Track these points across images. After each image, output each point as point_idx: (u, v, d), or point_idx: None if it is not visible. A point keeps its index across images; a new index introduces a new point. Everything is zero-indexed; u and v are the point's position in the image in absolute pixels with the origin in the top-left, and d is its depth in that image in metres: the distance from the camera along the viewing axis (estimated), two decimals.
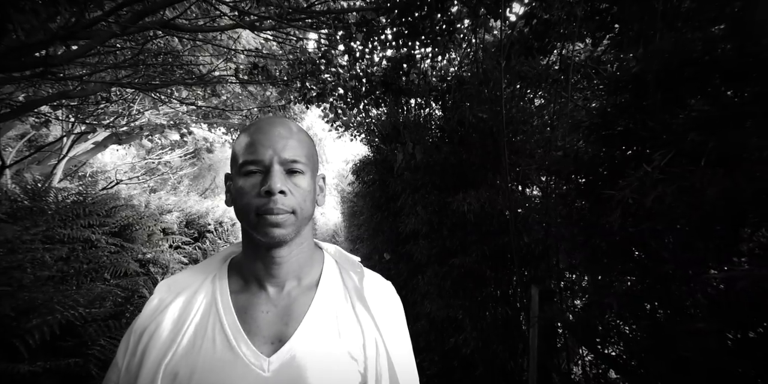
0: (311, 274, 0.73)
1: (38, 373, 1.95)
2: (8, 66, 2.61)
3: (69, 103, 4.19)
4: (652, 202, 1.31)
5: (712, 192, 1.17)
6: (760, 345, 1.11)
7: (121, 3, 2.61)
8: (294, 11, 3.77)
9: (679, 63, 1.39)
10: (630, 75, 1.54)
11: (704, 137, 1.23)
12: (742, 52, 1.21)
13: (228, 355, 0.60)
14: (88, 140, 7.48)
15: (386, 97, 5.16)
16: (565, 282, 2.24)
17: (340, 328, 0.66)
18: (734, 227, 1.20)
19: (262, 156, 0.63)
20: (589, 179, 1.78)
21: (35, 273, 2.06)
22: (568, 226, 1.85)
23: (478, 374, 3.32)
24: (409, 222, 4.03)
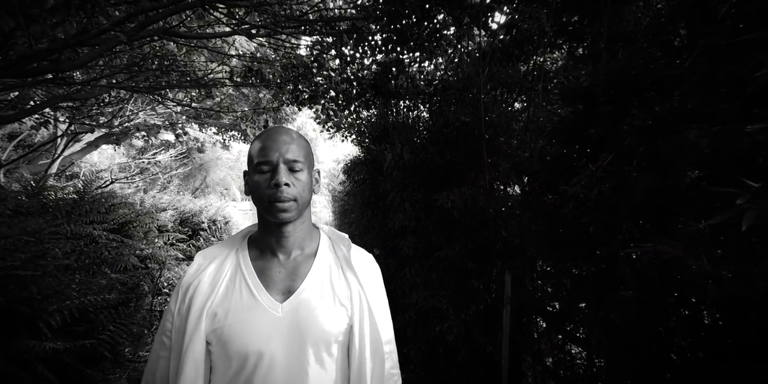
0: (311, 246, 0.96)
1: (59, 351, 2.15)
2: (21, 72, 2.78)
3: (68, 105, 4.35)
4: (596, 196, 1.57)
5: (639, 188, 1.44)
6: (674, 309, 1.38)
7: (129, 14, 2.80)
8: (288, 20, 3.98)
9: (620, 80, 1.65)
10: (582, 88, 1.80)
11: (637, 142, 1.50)
12: (664, 72, 1.48)
13: (252, 302, 0.85)
14: (80, 140, 7.58)
15: (376, 99, 5.37)
16: (535, 269, 2.51)
17: (333, 284, 0.91)
18: (657, 216, 1.47)
19: (271, 157, 0.85)
20: (551, 177, 2.04)
21: (55, 262, 2.26)
22: (534, 219, 2.11)
23: (460, 359, 3.58)
24: (398, 218, 4.27)
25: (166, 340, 0.88)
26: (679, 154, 1.36)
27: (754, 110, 1.11)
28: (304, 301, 0.86)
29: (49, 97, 3.74)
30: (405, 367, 4.33)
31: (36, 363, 2.02)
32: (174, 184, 14.49)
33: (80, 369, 2.40)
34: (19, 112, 3.59)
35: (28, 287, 2.06)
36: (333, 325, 0.85)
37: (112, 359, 3.11)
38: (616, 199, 1.57)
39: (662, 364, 1.28)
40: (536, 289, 2.39)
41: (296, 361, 0.81)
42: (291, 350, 0.81)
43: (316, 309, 0.85)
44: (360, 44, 4.89)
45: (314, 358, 0.83)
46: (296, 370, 0.81)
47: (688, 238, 1.17)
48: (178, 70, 5.10)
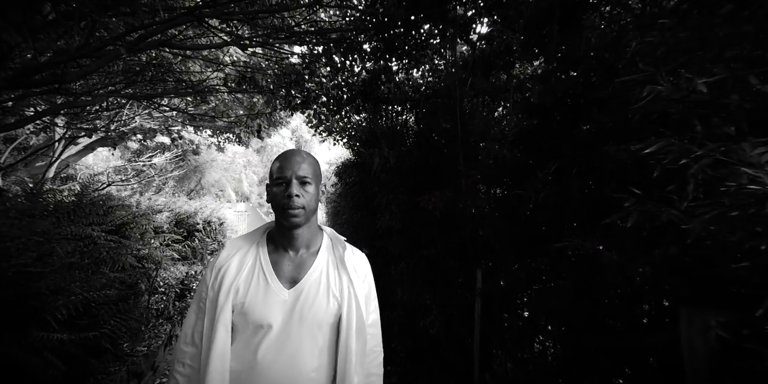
0: (315, 245, 1.20)
1: (65, 342, 2.35)
2: (26, 83, 2.97)
3: (69, 112, 4.53)
4: (543, 199, 1.80)
5: (575, 193, 1.66)
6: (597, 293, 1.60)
7: (129, 29, 3.00)
8: (278, 31, 4.19)
9: (564, 98, 1.88)
10: (533, 105, 2.02)
11: (574, 153, 1.72)
12: (594, 95, 1.71)
13: (266, 286, 1.10)
14: (78, 143, 7.74)
15: (366, 104, 5.56)
16: (502, 265, 2.72)
17: (329, 279, 1.15)
18: (590, 217, 1.69)
19: (286, 174, 1.09)
20: (511, 182, 2.26)
21: (60, 261, 2.46)
22: (498, 220, 2.33)
23: (442, 351, 3.80)
24: (384, 219, 4.49)
25: (201, 305, 1.13)
26: (605, 165, 1.57)
27: (660, 129, 1.34)
28: (304, 291, 1.10)
29: (52, 105, 3.93)
30: (393, 361, 4.54)
31: (45, 351, 2.22)
32: (169, 186, 14.62)
33: (84, 359, 2.60)
34: (23, 119, 3.77)
35: (37, 283, 2.26)
36: (325, 312, 1.09)
37: (113, 352, 3.30)
38: (560, 202, 1.79)
39: (590, 337, 1.50)
40: (502, 282, 2.61)
41: (294, 334, 1.06)
42: (291, 326, 1.06)
43: (313, 298, 1.10)
44: (350, 53, 5.08)
45: (308, 333, 1.08)
46: (294, 341, 1.06)
47: (603, 234, 1.39)
48: (174, 77, 5.30)
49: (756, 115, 1.00)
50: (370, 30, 4.56)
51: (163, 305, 5.46)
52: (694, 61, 1.09)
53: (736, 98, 1.00)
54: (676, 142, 1.09)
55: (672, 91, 1.07)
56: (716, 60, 1.04)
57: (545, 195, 1.79)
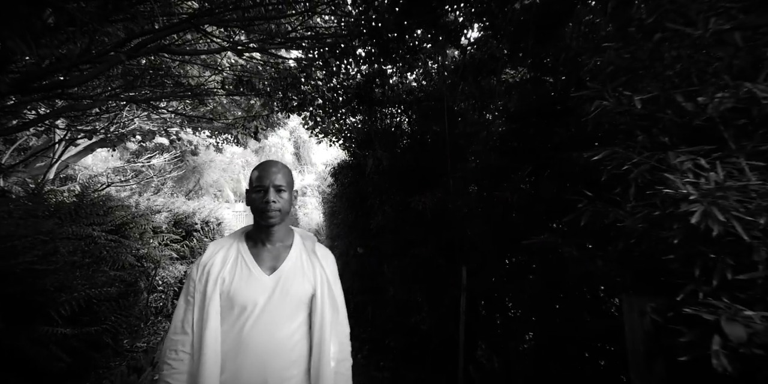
0: (289, 240, 1.40)
1: (68, 336, 2.47)
2: (30, 88, 3.10)
3: (70, 115, 4.65)
4: (517, 200, 1.93)
5: (545, 194, 1.80)
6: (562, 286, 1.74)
7: (129, 36, 3.13)
8: (275, 36, 4.32)
9: (539, 105, 2.01)
10: (510, 112, 2.15)
11: (548, 156, 1.86)
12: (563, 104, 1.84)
13: (248, 273, 1.28)
14: (78, 144, 7.86)
15: (361, 107, 5.68)
16: (485, 262, 2.86)
17: (303, 265, 1.35)
18: (558, 216, 1.82)
19: (264, 183, 1.28)
20: (491, 183, 2.39)
21: (64, 259, 2.58)
22: (479, 219, 2.46)
23: (433, 346, 3.93)
24: (378, 219, 4.62)
25: (190, 298, 1.27)
26: (572, 169, 1.71)
27: (617, 137, 1.47)
28: (283, 275, 1.30)
29: (53, 109, 4.05)
30: (386, 357, 4.67)
31: (51, 345, 2.34)
32: (168, 187, 14.72)
33: (87, 352, 2.73)
34: (25, 123, 3.90)
35: (43, 280, 2.38)
36: (301, 292, 1.29)
37: (113, 348, 3.42)
38: (533, 202, 1.92)
39: (558, 325, 1.64)
40: (484, 278, 2.74)
41: (276, 311, 1.24)
42: (272, 305, 1.25)
43: (291, 280, 1.29)
44: (344, 57, 5.20)
45: (288, 310, 1.26)
46: (275, 317, 1.24)
47: (566, 232, 1.53)
48: (173, 80, 5.42)
49: (686, 128, 1.13)
50: (364, 35, 4.67)
51: (162, 303, 5.59)
52: (634, 79, 1.22)
53: (669, 113, 1.14)
54: (620, 150, 1.22)
55: (615, 106, 1.20)
56: (651, 79, 1.17)
57: (519, 196, 1.92)
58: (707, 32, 1.03)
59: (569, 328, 1.58)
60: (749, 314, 0.94)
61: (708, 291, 1.03)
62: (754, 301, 0.99)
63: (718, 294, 1.02)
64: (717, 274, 1.01)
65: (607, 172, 1.25)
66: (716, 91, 1.02)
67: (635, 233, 1.26)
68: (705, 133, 1.16)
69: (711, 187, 0.97)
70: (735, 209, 0.93)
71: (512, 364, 2.04)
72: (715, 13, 1.05)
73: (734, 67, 1.03)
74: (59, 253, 2.55)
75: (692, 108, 1.06)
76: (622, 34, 1.25)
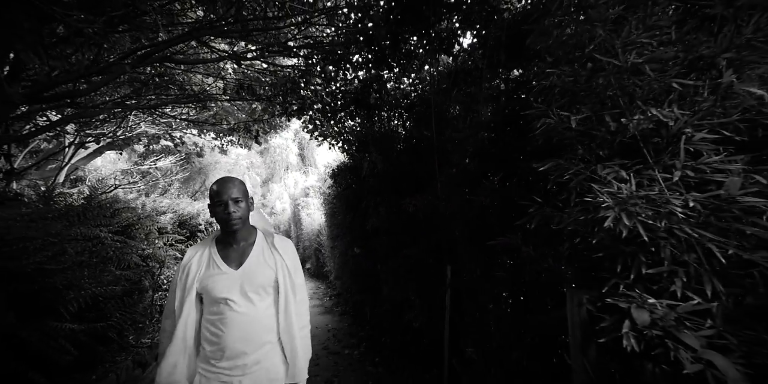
0: (252, 238, 1.68)
1: (76, 331, 2.66)
2: (42, 98, 3.30)
3: (79, 121, 4.87)
4: (488, 204, 2.08)
5: (514, 199, 1.94)
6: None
7: (134, 48, 3.32)
8: (274, 45, 4.49)
9: (509, 116, 2.16)
10: (484, 122, 2.30)
11: (516, 164, 2.00)
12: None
13: (219, 271, 1.55)
14: (87, 148, 8.12)
15: (359, 111, 5.83)
16: (466, 262, 3.00)
17: (265, 257, 1.62)
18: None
19: (223, 197, 1.52)
20: (468, 188, 2.54)
21: (72, 259, 2.77)
22: (459, 222, 2.61)
23: (425, 343, 4.08)
24: (373, 221, 4.77)
25: (178, 292, 1.55)
26: (535, 176, 1.85)
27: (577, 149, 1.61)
28: (247, 268, 1.57)
29: (63, 116, 4.26)
30: (381, 353, 4.83)
31: (59, 339, 2.53)
32: (174, 188, 15.01)
33: (93, 346, 2.92)
34: (37, 129, 4.11)
35: (52, 279, 2.57)
36: (264, 279, 1.56)
37: (119, 343, 3.61)
38: (503, 206, 2.07)
39: (521, 317, 1.79)
40: (464, 277, 2.89)
41: (248, 296, 1.52)
42: (243, 295, 1.52)
43: (255, 270, 1.57)
44: (341, 64, 5.36)
45: (256, 296, 1.54)
46: (249, 304, 1.52)
47: (525, 233, 1.67)
48: (177, 86, 5.63)
49: (617, 144, 1.28)
50: (360, 42, 4.83)
51: (167, 302, 5.78)
52: (574, 101, 1.37)
53: (602, 131, 1.28)
54: (562, 162, 1.36)
55: (558, 124, 1.35)
56: (587, 101, 1.32)
57: (492, 200, 2.07)
58: (627, 64, 1.18)
59: (529, 319, 1.72)
60: (653, 302, 1.08)
61: (627, 284, 1.18)
62: (662, 292, 1.13)
63: (636, 286, 1.16)
64: (634, 269, 1.15)
65: (552, 181, 1.39)
66: (635, 114, 1.17)
67: (578, 235, 1.41)
68: (635, 149, 1.31)
69: (623, 196, 1.11)
70: (639, 215, 1.08)
71: (487, 355, 2.18)
72: (634, 47, 1.20)
73: (647, 95, 1.17)
74: (67, 254, 2.73)
75: (615, 128, 1.21)
76: (567, 60, 1.40)
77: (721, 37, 1.12)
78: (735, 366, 0.95)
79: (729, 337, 1.02)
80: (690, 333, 1.02)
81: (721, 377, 0.94)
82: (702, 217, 1.08)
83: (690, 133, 1.13)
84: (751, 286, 1.03)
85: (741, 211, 1.05)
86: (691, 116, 1.12)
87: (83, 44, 3.54)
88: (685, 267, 1.11)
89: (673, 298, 1.11)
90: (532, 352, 1.75)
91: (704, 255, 1.09)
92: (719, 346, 1.01)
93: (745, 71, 1.12)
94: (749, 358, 0.97)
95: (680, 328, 1.03)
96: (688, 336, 1.01)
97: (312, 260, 12.11)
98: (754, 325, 1.00)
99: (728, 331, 1.02)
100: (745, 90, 1.09)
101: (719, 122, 1.15)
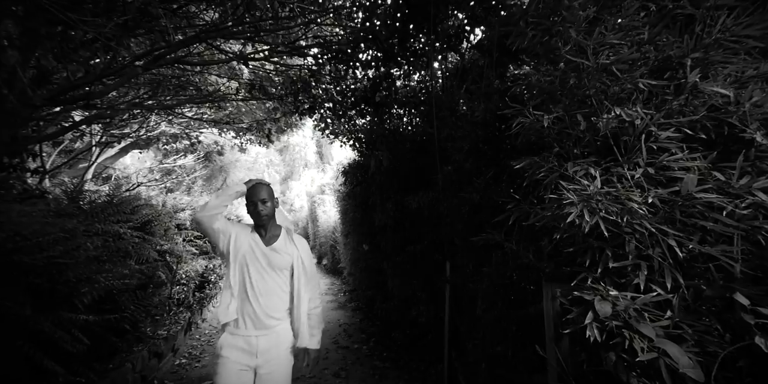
0: (277, 232, 2.10)
1: (90, 322, 2.82)
2: (61, 100, 3.50)
3: (100, 121, 5.11)
4: (479, 201, 2.12)
5: (501, 196, 1.98)
6: None
7: (146, 51, 3.47)
8: (282, 46, 4.60)
9: (501, 115, 2.19)
10: (478, 119, 2.33)
11: (505, 163, 2.03)
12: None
13: (255, 248, 1.99)
14: (113, 147, 8.46)
15: (369, 108, 5.90)
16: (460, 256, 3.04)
17: (286, 246, 2.07)
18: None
19: (254, 199, 2.00)
20: (461, 186, 2.58)
21: (85, 254, 2.94)
22: (455, 218, 2.66)
23: (430, 338, 4.14)
24: (380, 218, 4.84)
25: (230, 259, 1.99)
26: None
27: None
28: (273, 252, 2.01)
29: (84, 117, 4.48)
30: (389, 348, 4.91)
31: (73, 330, 2.69)
32: (198, 185, 15.43)
33: (106, 337, 3.09)
34: (61, 129, 4.34)
35: (66, 273, 2.74)
36: (283, 262, 2.01)
37: (135, 335, 3.79)
38: (494, 202, 2.11)
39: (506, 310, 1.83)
40: (461, 272, 2.94)
41: (268, 275, 1.98)
42: (266, 271, 1.98)
43: (276, 255, 2.01)
44: (350, 62, 5.42)
45: (277, 274, 2.00)
46: (269, 278, 1.98)
47: (508, 229, 1.72)
48: (193, 87, 5.82)
49: (591, 142, 1.30)
50: (368, 41, 4.88)
51: (184, 295, 6.00)
52: (549, 101, 1.40)
53: (576, 130, 1.31)
54: (537, 160, 1.40)
55: (533, 123, 1.38)
56: (561, 101, 1.35)
57: (480, 197, 2.11)
58: (597, 64, 1.20)
59: (513, 312, 1.77)
60: (615, 294, 1.12)
61: (595, 277, 1.21)
62: (628, 285, 1.16)
63: (603, 279, 1.20)
64: (601, 263, 1.19)
65: (528, 178, 1.43)
66: (604, 113, 1.20)
67: (557, 231, 1.45)
68: (609, 148, 1.33)
69: (588, 193, 1.14)
70: (601, 211, 1.11)
71: (477, 348, 2.23)
72: (605, 48, 1.22)
73: (619, 94, 1.20)
74: (81, 249, 2.90)
75: (585, 127, 1.24)
76: (547, 60, 1.43)
77: (686, 38, 1.13)
78: (688, 354, 0.97)
79: (684, 326, 1.04)
80: (648, 323, 1.05)
81: (673, 365, 0.97)
82: (663, 213, 1.10)
83: (655, 131, 1.15)
84: (710, 279, 1.05)
85: (703, 207, 1.07)
86: (656, 115, 1.14)
87: (99, 49, 3.72)
88: (649, 261, 1.14)
89: (638, 290, 1.14)
90: (515, 345, 1.79)
91: (668, 249, 1.11)
92: (675, 335, 1.04)
93: (711, 71, 1.14)
94: (702, 347, 0.99)
95: (639, 319, 1.06)
96: (646, 326, 1.04)
97: (328, 256, 12.29)
98: (709, 315, 1.02)
99: (684, 322, 1.05)
100: (711, 89, 1.11)
101: (687, 120, 1.16)
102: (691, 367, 0.94)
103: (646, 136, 1.16)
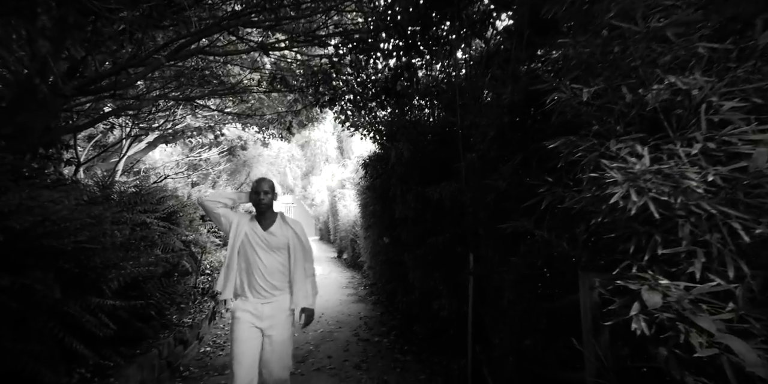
0: (273, 218, 2.53)
1: (117, 307, 2.85)
2: (90, 91, 3.55)
3: (128, 113, 5.20)
4: (506, 188, 2.01)
5: (531, 181, 1.87)
6: None
7: (168, 41, 3.48)
8: (303, 34, 4.55)
9: (531, 96, 2.06)
10: (505, 103, 2.20)
11: (537, 146, 1.92)
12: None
13: (253, 231, 2.44)
14: (142, 141, 8.67)
15: (389, 100, 5.79)
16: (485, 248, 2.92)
17: (282, 229, 2.50)
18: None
19: (258, 189, 2.46)
20: (486, 174, 2.47)
21: (111, 240, 2.98)
22: (478, 208, 2.55)
23: (453, 332, 4.04)
24: (400, 209, 4.76)
25: (230, 242, 2.44)
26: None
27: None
28: (270, 235, 2.43)
29: (113, 108, 4.56)
30: (411, 342, 4.84)
31: (100, 314, 2.73)
32: (222, 180, 15.73)
33: (132, 322, 3.13)
34: (91, 120, 4.43)
35: (93, 259, 2.78)
36: (279, 242, 2.43)
37: (161, 322, 3.85)
38: (522, 189, 2.00)
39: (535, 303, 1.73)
40: (485, 263, 2.82)
41: (269, 255, 2.41)
42: (267, 251, 2.41)
43: (273, 237, 2.42)
44: (371, 51, 5.32)
45: (275, 253, 2.43)
46: (270, 257, 2.41)
47: (539, 216, 1.60)
48: (217, 79, 5.86)
49: (636, 117, 1.18)
50: (390, 29, 4.77)
51: (208, 285, 6.09)
52: (587, 73, 1.27)
53: (619, 104, 1.18)
54: (573, 138, 1.28)
55: (570, 98, 1.26)
56: (601, 72, 1.22)
57: (507, 184, 1.99)
58: (647, 29, 1.07)
59: (543, 304, 1.66)
60: (666, 284, 1.00)
61: (641, 266, 1.09)
62: (681, 274, 1.04)
63: (650, 268, 1.08)
64: (649, 250, 1.07)
65: (563, 159, 1.31)
66: (653, 83, 1.07)
67: (595, 215, 1.33)
68: (658, 123, 1.20)
69: (635, 172, 1.03)
70: (650, 191, 0.99)
71: (504, 342, 2.13)
72: (656, 10, 1.09)
73: (671, 62, 1.07)
74: (108, 235, 2.94)
75: (630, 100, 1.11)
76: (585, 30, 1.30)
77: None
78: (756, 351, 0.86)
79: (751, 320, 0.92)
80: (707, 316, 0.93)
81: (739, 362, 0.85)
82: (725, 193, 0.98)
83: (716, 102, 1.02)
84: None
85: None
86: (717, 83, 1.01)
87: (125, 40, 3.75)
88: (707, 247, 1.01)
89: (692, 280, 1.02)
90: (546, 339, 1.68)
91: (729, 234, 0.99)
92: (739, 330, 0.92)
93: None
94: None
95: (696, 312, 0.95)
96: (704, 319, 0.92)
97: (348, 250, 12.30)
98: None
99: (750, 315, 0.93)
100: None
101: (755, 87, 1.03)
102: (761, 366, 0.83)
103: (706, 107, 1.03)
